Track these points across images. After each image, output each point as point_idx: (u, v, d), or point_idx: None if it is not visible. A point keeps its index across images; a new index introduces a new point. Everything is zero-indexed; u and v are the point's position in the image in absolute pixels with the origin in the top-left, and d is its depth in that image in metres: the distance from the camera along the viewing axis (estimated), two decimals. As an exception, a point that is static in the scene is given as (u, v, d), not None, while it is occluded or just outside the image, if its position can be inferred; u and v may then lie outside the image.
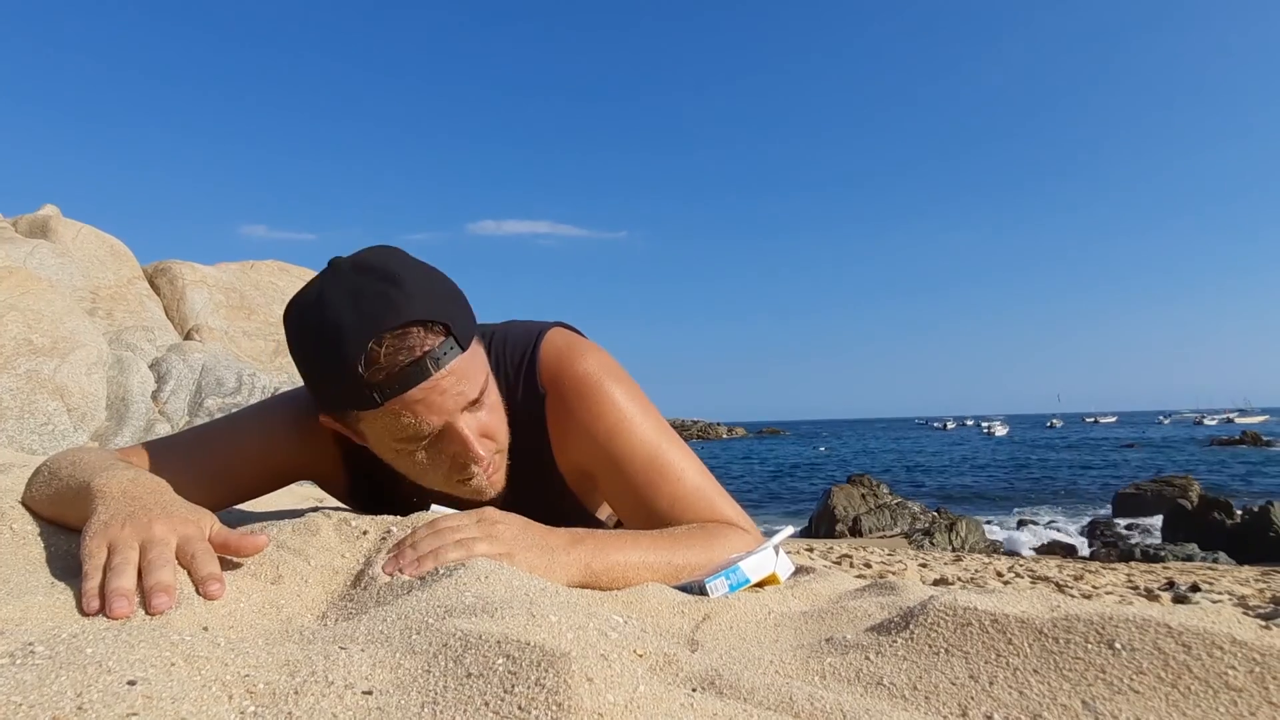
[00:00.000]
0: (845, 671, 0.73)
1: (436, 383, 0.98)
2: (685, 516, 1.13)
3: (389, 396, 0.97)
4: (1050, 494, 25.40)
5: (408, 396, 0.97)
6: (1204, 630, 0.68)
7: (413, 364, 0.96)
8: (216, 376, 5.87)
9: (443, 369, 0.99)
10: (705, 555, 1.06)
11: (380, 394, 0.97)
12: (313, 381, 1.04)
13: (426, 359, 0.97)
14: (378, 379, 0.96)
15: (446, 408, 1.01)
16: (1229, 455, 39.43)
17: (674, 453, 1.17)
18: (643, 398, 1.20)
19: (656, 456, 1.15)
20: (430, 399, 0.99)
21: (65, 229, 7.07)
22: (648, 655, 0.69)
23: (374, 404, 0.98)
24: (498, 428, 1.10)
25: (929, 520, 16.75)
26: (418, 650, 0.61)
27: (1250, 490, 23.06)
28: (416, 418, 0.99)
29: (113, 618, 0.69)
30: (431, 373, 0.98)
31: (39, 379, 4.46)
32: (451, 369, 1.00)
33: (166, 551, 0.78)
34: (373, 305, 0.97)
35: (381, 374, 0.96)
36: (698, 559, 1.05)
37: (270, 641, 0.63)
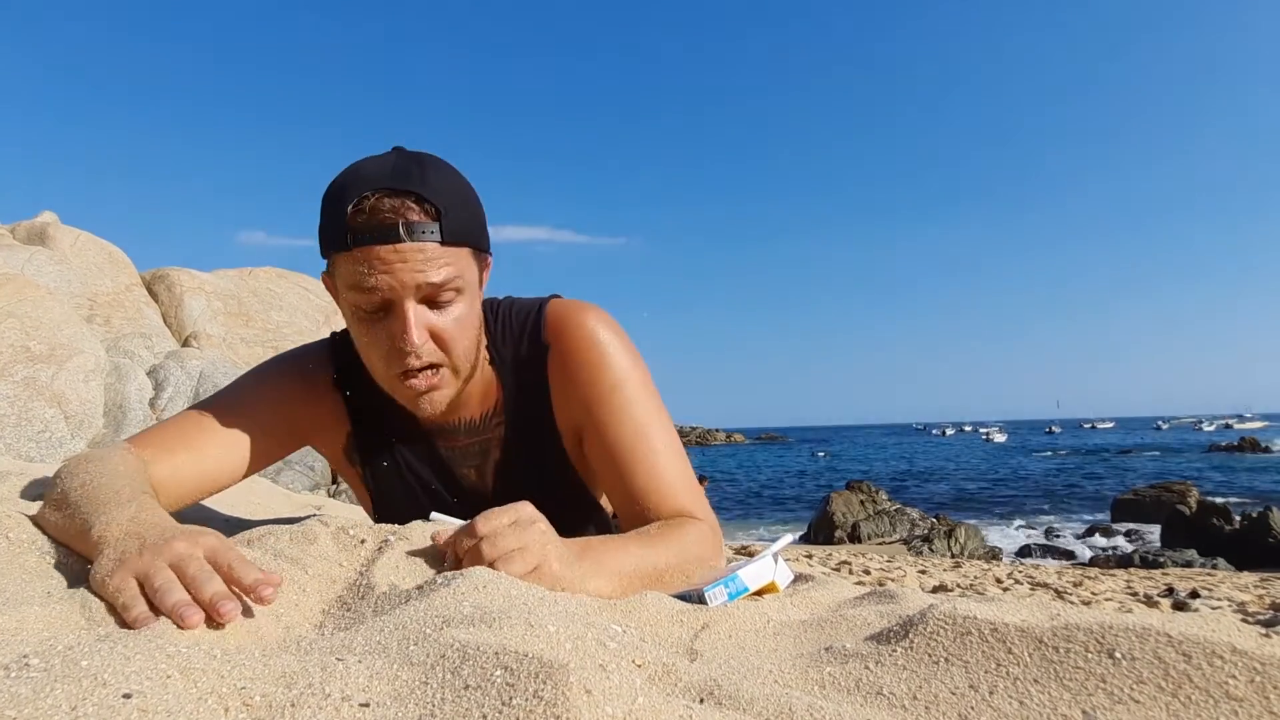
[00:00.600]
0: (845, 681, 0.72)
1: (401, 250, 1.01)
2: (657, 495, 1.15)
3: (357, 243, 1.01)
4: (1049, 500, 25.39)
5: (371, 251, 1.01)
6: (1204, 639, 0.68)
7: (388, 223, 1.01)
8: (214, 383, 5.86)
9: (412, 242, 1.02)
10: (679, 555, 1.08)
11: (352, 237, 1.02)
12: (320, 224, 1.07)
13: (402, 224, 1.01)
14: (356, 222, 1.01)
15: (401, 280, 1.03)
16: (1228, 461, 39.45)
17: (661, 431, 1.19)
18: (643, 367, 1.22)
19: (645, 428, 1.17)
20: (389, 261, 1.01)
21: (63, 236, 7.07)
22: (646, 665, 0.68)
23: (345, 245, 1.03)
24: (454, 341, 1.10)
25: (928, 526, 16.74)
26: (415, 661, 0.61)
27: (1249, 496, 23.06)
28: (372, 275, 1.02)
29: (186, 628, 0.69)
30: (401, 239, 1.01)
31: (36, 386, 4.46)
32: (423, 247, 1.02)
33: (204, 565, 0.77)
34: (391, 171, 1.03)
35: (361, 218, 1.01)
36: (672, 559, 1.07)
37: (267, 653, 0.63)
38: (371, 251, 1.01)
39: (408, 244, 1.02)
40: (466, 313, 1.12)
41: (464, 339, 1.12)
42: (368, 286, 1.03)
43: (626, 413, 1.17)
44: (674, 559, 1.07)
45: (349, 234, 1.02)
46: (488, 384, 1.24)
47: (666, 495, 1.16)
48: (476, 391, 1.23)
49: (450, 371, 1.12)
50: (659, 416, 1.20)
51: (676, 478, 1.18)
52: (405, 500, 1.27)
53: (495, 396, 1.25)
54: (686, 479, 1.19)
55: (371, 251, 1.01)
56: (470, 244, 1.10)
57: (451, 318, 1.09)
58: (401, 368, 1.08)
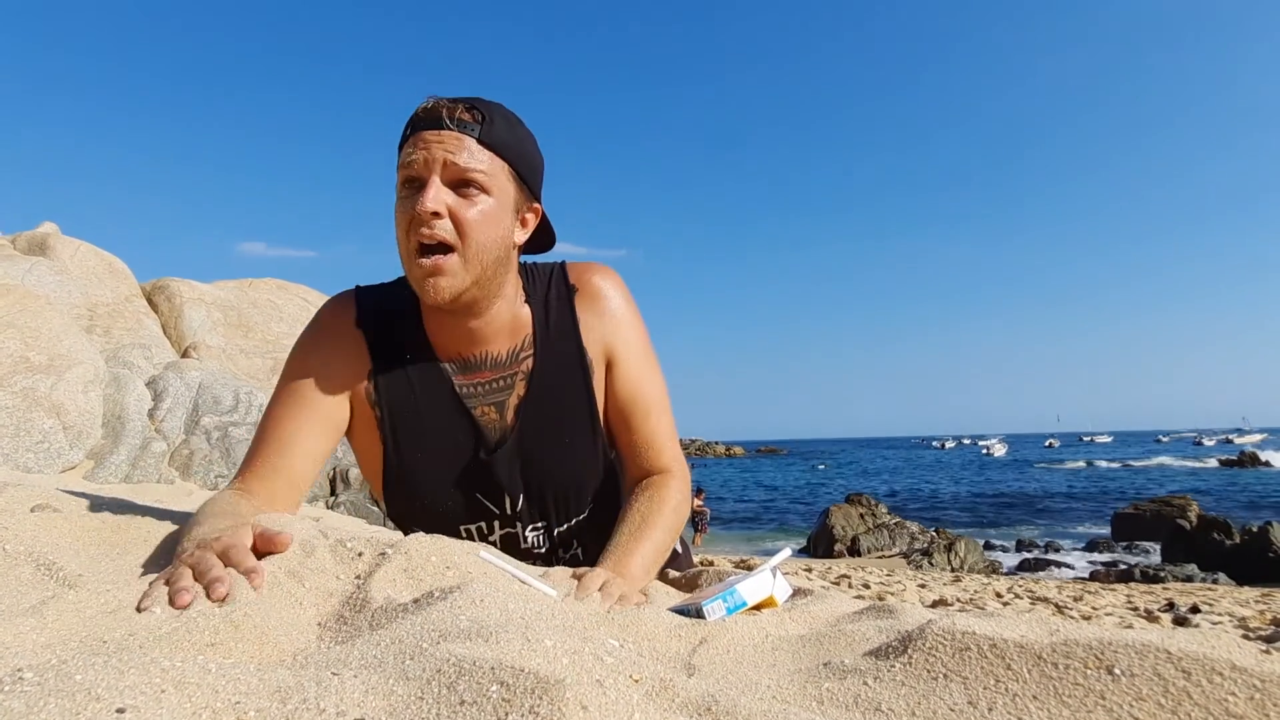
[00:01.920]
0: (843, 697, 0.72)
1: (441, 135, 1.15)
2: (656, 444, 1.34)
3: (409, 128, 1.17)
4: (1049, 514, 25.33)
5: (419, 135, 1.15)
6: (1204, 656, 0.68)
7: (434, 113, 1.16)
8: (214, 394, 5.86)
9: (452, 130, 1.15)
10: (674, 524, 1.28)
11: (411, 125, 1.17)
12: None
13: (445, 114, 1.15)
14: (413, 116, 1.17)
15: (432, 155, 1.14)
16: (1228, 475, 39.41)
17: (658, 373, 1.38)
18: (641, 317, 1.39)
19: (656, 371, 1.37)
20: (429, 142, 1.15)
21: (64, 246, 7.07)
22: (644, 680, 0.68)
23: (405, 136, 1.18)
24: (470, 229, 1.17)
25: (927, 540, 16.69)
26: (411, 676, 0.60)
27: (1250, 510, 23.03)
28: (414, 152, 1.15)
29: (177, 606, 0.79)
30: (443, 125, 1.15)
31: (35, 396, 4.45)
32: (460, 137, 1.15)
33: (211, 558, 0.89)
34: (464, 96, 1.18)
35: (417, 112, 1.17)
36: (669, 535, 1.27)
37: (262, 667, 0.62)
38: (419, 135, 1.15)
39: (448, 131, 1.15)
40: (492, 212, 1.19)
41: (481, 233, 1.18)
42: (406, 162, 1.15)
43: (647, 355, 1.37)
44: (669, 534, 1.26)
45: (409, 126, 1.17)
46: (518, 321, 1.31)
47: (661, 444, 1.34)
48: (505, 327, 1.29)
49: (460, 260, 1.17)
50: (658, 368, 1.38)
51: (669, 428, 1.37)
52: (419, 446, 1.30)
53: (524, 333, 1.31)
54: (673, 429, 1.38)
55: (419, 135, 1.15)
56: (510, 161, 1.20)
57: (475, 208, 1.17)
58: (417, 239, 1.16)
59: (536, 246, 1.38)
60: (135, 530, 1.16)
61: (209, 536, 0.95)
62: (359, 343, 1.30)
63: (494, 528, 1.34)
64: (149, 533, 1.16)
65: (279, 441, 1.24)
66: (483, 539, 1.34)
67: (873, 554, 16.37)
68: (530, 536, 1.35)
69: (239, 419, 5.78)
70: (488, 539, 1.34)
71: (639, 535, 1.22)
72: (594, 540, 1.37)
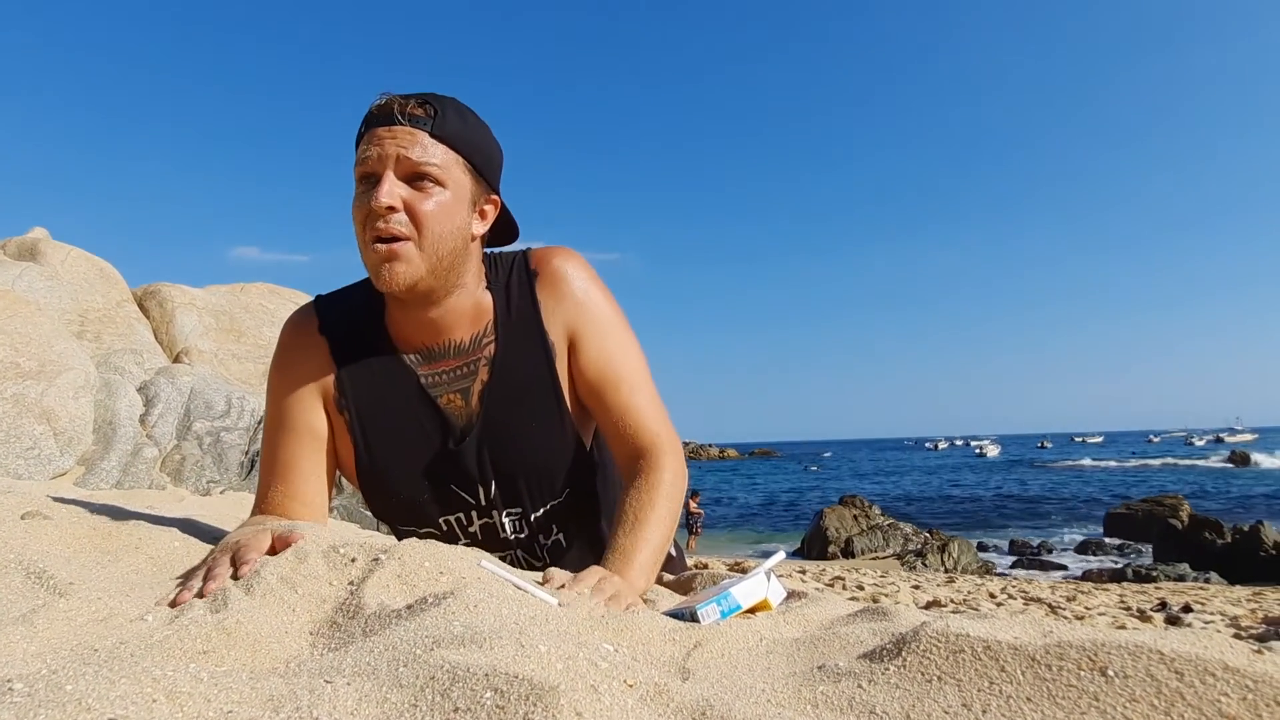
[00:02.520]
0: (838, 700, 0.72)
1: (394, 131, 1.16)
2: (635, 414, 1.31)
3: (364, 126, 1.18)
4: (1042, 514, 25.40)
5: (373, 132, 1.17)
6: (1197, 656, 0.68)
7: (386, 109, 1.17)
8: (205, 400, 5.83)
9: (404, 125, 1.16)
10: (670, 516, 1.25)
11: (365, 123, 1.18)
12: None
13: (397, 109, 1.17)
14: (368, 113, 1.19)
15: (387, 152, 1.16)
16: (1220, 475, 39.57)
17: (637, 350, 1.36)
18: (610, 294, 1.37)
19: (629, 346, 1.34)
20: (381, 138, 1.16)
21: (54, 251, 7.03)
22: (638, 685, 0.68)
23: (360, 134, 1.19)
24: (425, 220, 1.18)
25: (921, 541, 16.72)
26: (404, 683, 0.60)
27: (1241, 509, 23.13)
28: (368, 149, 1.16)
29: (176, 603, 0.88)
30: (396, 120, 1.16)
31: (25, 402, 4.42)
32: (413, 132, 1.16)
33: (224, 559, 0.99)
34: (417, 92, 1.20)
35: (371, 110, 1.18)
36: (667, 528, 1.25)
37: (254, 675, 0.62)
38: (373, 132, 1.17)
39: (400, 126, 1.16)
40: (447, 204, 1.20)
41: (437, 225, 1.19)
42: (361, 159, 1.17)
43: (615, 329, 1.33)
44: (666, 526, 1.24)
45: (364, 123, 1.18)
46: (480, 308, 1.31)
47: (642, 416, 1.31)
48: (467, 314, 1.30)
49: (415, 248, 1.18)
50: (636, 342, 1.36)
51: (650, 400, 1.33)
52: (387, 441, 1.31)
53: (486, 319, 1.32)
54: (657, 400, 1.35)
55: (373, 132, 1.17)
56: (464, 154, 1.21)
57: (430, 200, 1.18)
58: (373, 233, 1.17)
59: (500, 239, 1.39)
60: (126, 537, 1.15)
61: (230, 541, 1.03)
62: (323, 351, 1.32)
63: (472, 518, 1.34)
64: (140, 539, 1.15)
65: (280, 470, 1.30)
66: (462, 530, 1.35)
67: (867, 555, 16.39)
68: (507, 524, 1.35)
69: (231, 424, 5.76)
70: (467, 530, 1.35)
71: (634, 535, 1.20)
72: (575, 525, 1.40)
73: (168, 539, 1.19)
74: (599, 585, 1.04)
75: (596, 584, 1.05)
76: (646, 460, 1.28)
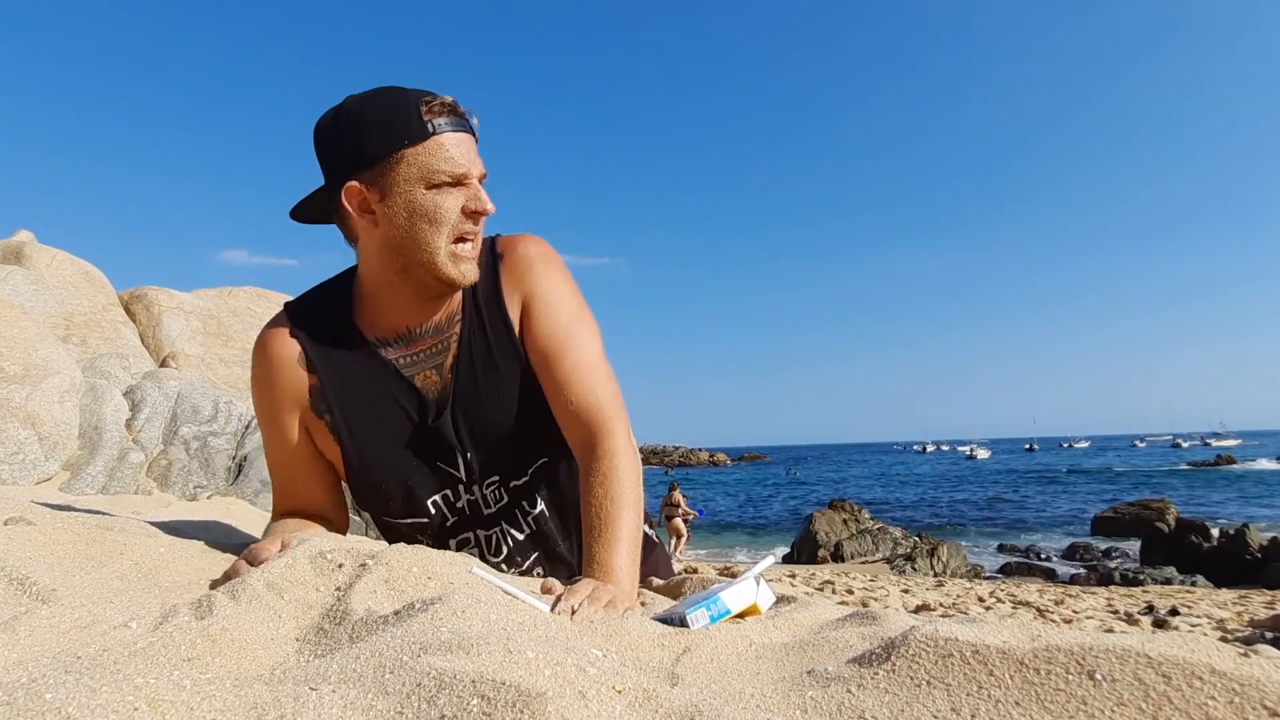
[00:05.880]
0: (827, 705, 0.72)
1: (470, 139, 1.24)
2: (577, 383, 1.31)
3: (439, 130, 1.19)
4: (1030, 517, 25.51)
5: (451, 135, 1.20)
6: (1183, 660, 0.68)
7: (463, 113, 1.23)
8: (192, 404, 5.79)
9: (473, 136, 1.24)
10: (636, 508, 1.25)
11: (434, 126, 1.19)
12: (362, 133, 1.20)
13: (468, 118, 1.24)
14: (435, 114, 1.19)
15: (476, 158, 1.23)
16: (1205, 478, 39.84)
17: (588, 328, 1.36)
18: (573, 279, 1.40)
19: (574, 323, 1.35)
20: (468, 145, 1.23)
21: (40, 255, 6.98)
22: (627, 691, 0.67)
23: (426, 134, 1.19)
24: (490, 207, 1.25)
25: (910, 545, 16.77)
26: (390, 691, 0.60)
27: (1226, 512, 23.29)
28: (457, 150, 1.20)
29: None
30: (472, 130, 1.24)
31: (10, 407, 4.38)
32: (474, 141, 1.25)
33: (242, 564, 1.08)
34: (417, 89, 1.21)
35: (440, 111, 1.20)
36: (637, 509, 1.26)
37: (239, 682, 0.61)
38: (453, 137, 1.20)
39: (471, 135, 1.24)
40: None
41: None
42: (450, 159, 1.19)
43: (561, 310, 1.35)
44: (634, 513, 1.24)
45: (432, 122, 1.19)
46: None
47: (587, 393, 1.31)
48: (448, 296, 1.36)
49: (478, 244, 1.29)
50: (590, 321, 1.37)
51: (599, 372, 1.33)
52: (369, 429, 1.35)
53: (458, 300, 1.37)
54: (605, 378, 1.34)
55: (453, 137, 1.20)
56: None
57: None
58: (464, 232, 1.25)
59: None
60: (111, 543, 1.14)
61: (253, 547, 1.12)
62: (293, 361, 1.35)
63: (459, 493, 1.38)
64: (125, 545, 1.14)
65: (285, 483, 1.38)
66: (450, 508, 1.39)
67: (856, 559, 16.43)
68: (488, 494, 1.39)
69: (218, 428, 5.72)
70: (455, 506, 1.39)
71: (607, 540, 1.21)
72: (556, 492, 1.44)
73: (153, 545, 1.18)
74: (593, 595, 1.06)
75: (591, 594, 1.06)
76: (596, 444, 1.29)
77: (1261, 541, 14.30)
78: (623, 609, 1.06)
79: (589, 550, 1.22)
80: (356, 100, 1.21)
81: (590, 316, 1.38)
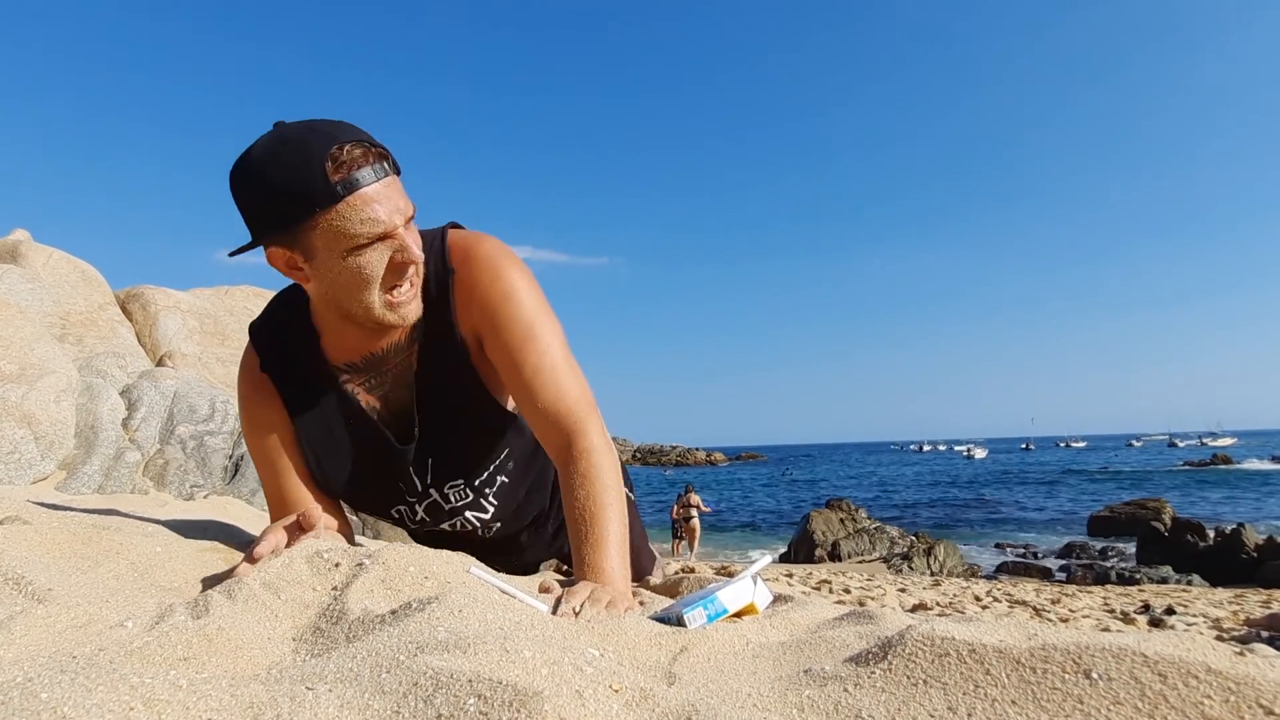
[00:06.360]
0: (824, 704, 0.72)
1: (388, 183, 1.15)
2: (542, 387, 1.31)
3: (351, 190, 1.11)
4: (1027, 516, 25.55)
5: (367, 191, 1.13)
6: (1180, 659, 0.68)
7: (371, 164, 1.14)
8: (189, 403, 5.78)
9: (389, 178, 1.16)
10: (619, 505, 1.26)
11: (344, 187, 1.11)
12: (272, 199, 1.13)
13: (386, 162, 1.16)
14: (340, 175, 1.11)
15: (398, 206, 1.16)
16: (1201, 477, 39.94)
17: (547, 330, 1.34)
18: (534, 283, 1.37)
19: (532, 327, 1.32)
20: (385, 195, 1.14)
21: (36, 254, 6.96)
22: (624, 690, 0.67)
23: (337, 197, 1.11)
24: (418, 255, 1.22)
25: (907, 544, 16.78)
26: (387, 690, 0.60)
27: (1222, 512, 23.34)
28: (370, 210, 1.13)
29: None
30: (388, 173, 1.16)
31: (6, 406, 4.38)
32: (392, 181, 1.17)
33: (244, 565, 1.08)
34: (327, 130, 1.13)
35: (344, 170, 1.11)
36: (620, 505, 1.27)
37: (235, 682, 0.61)
38: (365, 194, 1.12)
39: (390, 177, 1.16)
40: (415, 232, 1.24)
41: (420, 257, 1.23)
42: (368, 218, 1.13)
43: (517, 319, 1.32)
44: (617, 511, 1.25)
45: (340, 186, 1.11)
46: None
47: (552, 386, 1.31)
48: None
49: (416, 288, 1.26)
50: (549, 322, 1.34)
51: (557, 368, 1.32)
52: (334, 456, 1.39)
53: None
54: (568, 366, 1.34)
55: (365, 194, 1.12)
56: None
57: (415, 237, 1.22)
58: (395, 282, 1.21)
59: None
60: (107, 542, 1.14)
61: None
62: (269, 385, 1.38)
63: (422, 499, 1.45)
64: (121, 545, 1.14)
65: (282, 497, 1.38)
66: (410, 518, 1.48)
67: (853, 559, 16.43)
68: (452, 494, 1.45)
69: (215, 428, 5.71)
70: (415, 512, 1.47)
71: (595, 542, 1.22)
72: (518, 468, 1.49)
73: (149, 545, 1.17)
74: (593, 596, 1.07)
75: (590, 595, 1.07)
76: (571, 444, 1.30)
77: (1257, 541, 14.34)
78: (623, 609, 1.08)
79: (578, 553, 1.23)
80: (262, 153, 1.13)
81: (550, 316, 1.36)
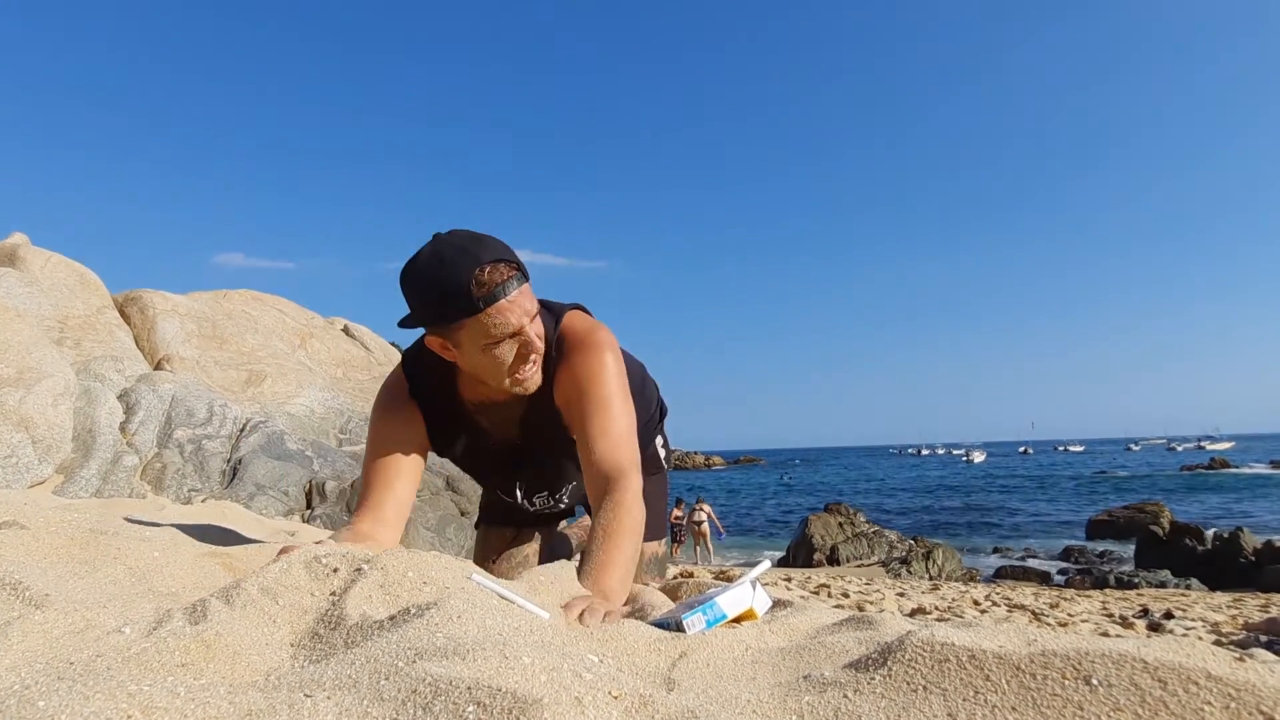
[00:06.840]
0: (823, 710, 0.71)
1: (517, 295, 1.49)
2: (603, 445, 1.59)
3: (490, 304, 1.46)
4: (1025, 521, 25.54)
5: (501, 303, 1.47)
6: (1179, 665, 0.68)
7: (504, 282, 1.47)
8: (187, 407, 5.78)
9: (519, 289, 1.50)
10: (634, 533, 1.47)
11: (484, 302, 1.46)
12: (430, 304, 1.50)
13: (512, 279, 1.48)
14: (481, 293, 1.45)
15: (525, 309, 1.50)
16: (1199, 481, 39.94)
17: (619, 404, 1.65)
18: (620, 370, 1.69)
19: (606, 399, 1.63)
20: (516, 302, 1.49)
21: (34, 257, 6.95)
22: (623, 697, 0.67)
23: (478, 310, 1.46)
24: (540, 340, 1.57)
25: (906, 548, 16.77)
26: (386, 697, 0.59)
27: (1220, 516, 23.34)
28: (504, 318, 1.48)
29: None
30: (515, 289, 1.49)
31: (3, 410, 4.36)
32: (523, 290, 1.51)
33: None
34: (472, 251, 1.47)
35: (484, 289, 1.45)
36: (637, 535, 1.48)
37: (233, 689, 0.61)
38: (499, 305, 1.47)
39: (521, 287, 1.50)
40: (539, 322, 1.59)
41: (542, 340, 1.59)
42: (501, 323, 1.48)
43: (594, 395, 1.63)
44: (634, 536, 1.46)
45: (481, 300, 1.45)
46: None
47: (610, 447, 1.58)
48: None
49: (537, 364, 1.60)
50: (622, 396, 1.66)
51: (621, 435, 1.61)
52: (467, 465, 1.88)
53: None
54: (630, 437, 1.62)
55: (499, 305, 1.47)
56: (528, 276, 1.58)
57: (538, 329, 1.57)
58: (522, 366, 1.57)
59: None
60: (105, 547, 1.13)
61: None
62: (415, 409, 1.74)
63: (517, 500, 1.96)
64: (119, 550, 1.14)
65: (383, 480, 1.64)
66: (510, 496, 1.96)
67: (852, 563, 16.42)
68: (538, 501, 1.97)
69: (213, 431, 5.70)
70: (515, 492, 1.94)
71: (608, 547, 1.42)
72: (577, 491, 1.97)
73: (147, 549, 1.17)
74: (591, 608, 1.14)
75: (589, 607, 1.14)
76: (613, 489, 1.55)
77: (1256, 545, 14.34)
78: (617, 618, 1.12)
79: (589, 554, 1.42)
80: (424, 266, 1.48)
81: (626, 401, 1.66)
